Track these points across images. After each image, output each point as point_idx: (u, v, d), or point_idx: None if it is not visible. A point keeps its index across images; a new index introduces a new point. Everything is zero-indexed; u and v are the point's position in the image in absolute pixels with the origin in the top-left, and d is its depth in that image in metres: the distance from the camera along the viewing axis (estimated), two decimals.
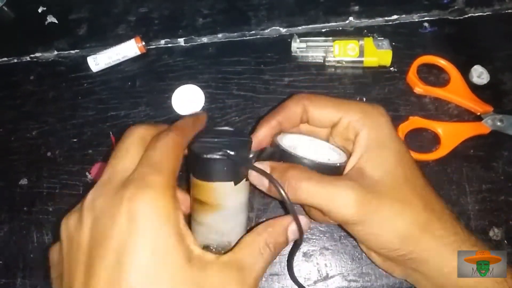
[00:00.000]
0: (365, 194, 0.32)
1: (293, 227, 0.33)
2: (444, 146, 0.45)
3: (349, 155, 0.36)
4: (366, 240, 0.35)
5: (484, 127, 0.46)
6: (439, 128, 0.46)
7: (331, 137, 0.39)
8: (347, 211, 0.32)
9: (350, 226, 0.34)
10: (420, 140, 0.47)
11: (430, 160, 0.45)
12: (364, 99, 0.49)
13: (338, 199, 0.32)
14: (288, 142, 0.38)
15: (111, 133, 0.50)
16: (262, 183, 0.35)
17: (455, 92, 0.47)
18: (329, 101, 0.37)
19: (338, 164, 0.35)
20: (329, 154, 0.38)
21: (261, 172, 0.33)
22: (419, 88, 0.48)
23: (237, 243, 0.32)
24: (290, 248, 0.38)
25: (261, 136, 0.37)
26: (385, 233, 0.33)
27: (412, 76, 0.48)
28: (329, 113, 0.37)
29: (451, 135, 0.45)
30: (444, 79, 0.49)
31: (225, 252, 0.31)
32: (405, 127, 0.46)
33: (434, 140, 0.46)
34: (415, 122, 0.46)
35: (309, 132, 0.39)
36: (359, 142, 0.35)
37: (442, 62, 0.48)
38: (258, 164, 0.35)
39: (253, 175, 0.35)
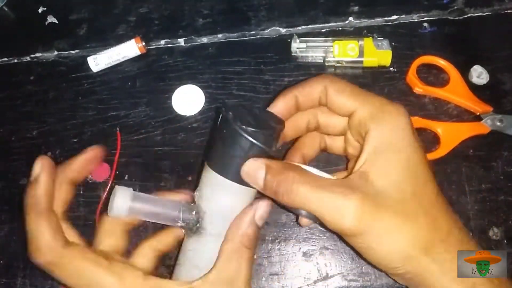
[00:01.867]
0: (366, 205, 0.29)
1: (259, 213, 0.34)
2: (444, 146, 0.45)
3: None
4: (364, 253, 0.32)
5: (483, 127, 0.46)
6: (439, 128, 0.46)
7: (348, 130, 0.36)
8: (345, 222, 0.29)
9: (347, 238, 0.31)
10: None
11: (429, 160, 0.45)
12: None
13: (335, 208, 0.30)
14: None
15: (118, 129, 0.50)
16: (256, 180, 0.33)
17: (455, 92, 0.47)
18: (349, 87, 0.35)
19: None
20: None
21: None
22: (419, 88, 0.48)
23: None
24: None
25: (276, 109, 0.36)
26: (384, 249, 0.30)
27: (411, 76, 0.48)
28: (346, 101, 0.34)
29: (450, 135, 0.45)
30: (444, 79, 0.49)
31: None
32: None
33: (433, 140, 0.46)
34: (415, 122, 0.46)
35: (327, 122, 0.38)
36: (368, 142, 0.32)
37: (441, 62, 0.48)
38: (252, 161, 0.33)
39: (246, 170, 0.33)
